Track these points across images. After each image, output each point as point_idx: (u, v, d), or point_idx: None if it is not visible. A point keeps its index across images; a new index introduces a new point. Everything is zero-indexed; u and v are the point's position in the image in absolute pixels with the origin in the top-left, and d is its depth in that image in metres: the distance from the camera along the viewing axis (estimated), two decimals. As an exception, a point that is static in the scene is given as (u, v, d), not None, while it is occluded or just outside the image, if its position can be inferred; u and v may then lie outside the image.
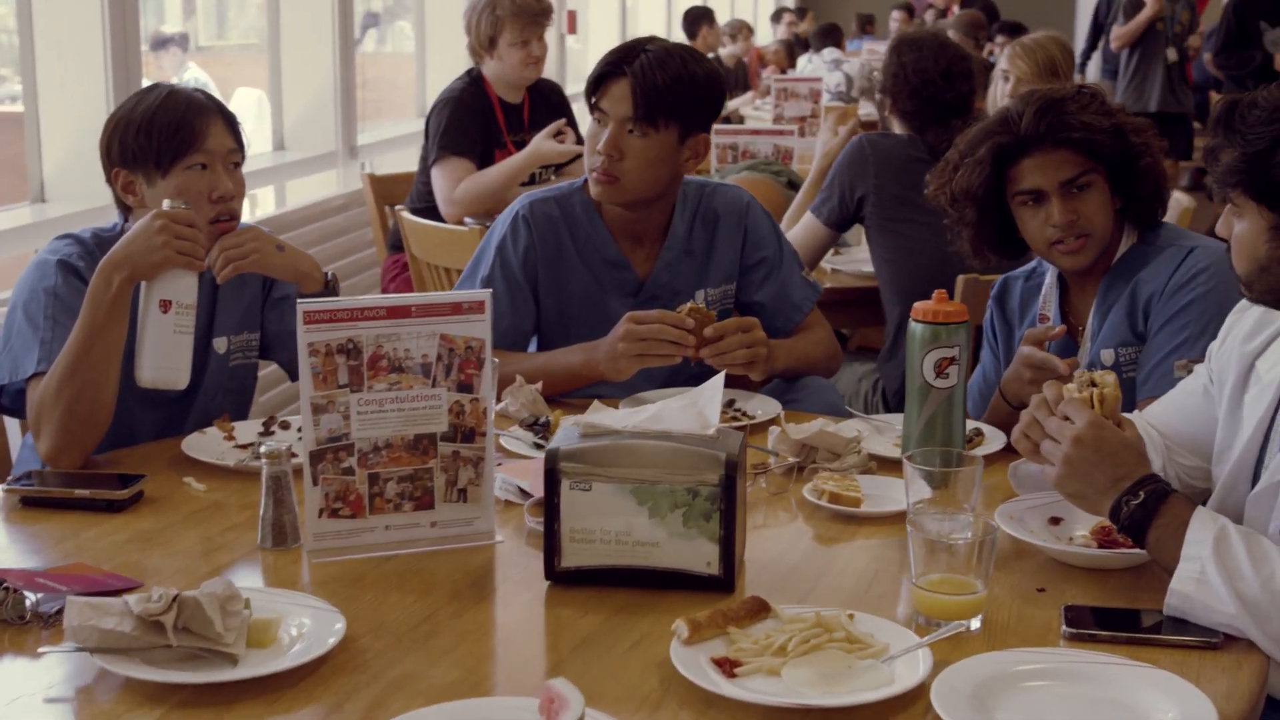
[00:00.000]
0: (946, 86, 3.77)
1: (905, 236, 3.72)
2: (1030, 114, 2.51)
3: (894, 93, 3.82)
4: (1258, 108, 1.85)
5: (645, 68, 2.70)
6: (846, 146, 3.84)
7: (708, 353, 2.63)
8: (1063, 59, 4.33)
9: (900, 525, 2.12)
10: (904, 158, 3.76)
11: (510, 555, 2.04)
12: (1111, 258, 2.58)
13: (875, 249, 3.78)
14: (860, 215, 3.78)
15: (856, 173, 3.76)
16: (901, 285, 3.72)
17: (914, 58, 3.80)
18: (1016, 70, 4.35)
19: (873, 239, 3.78)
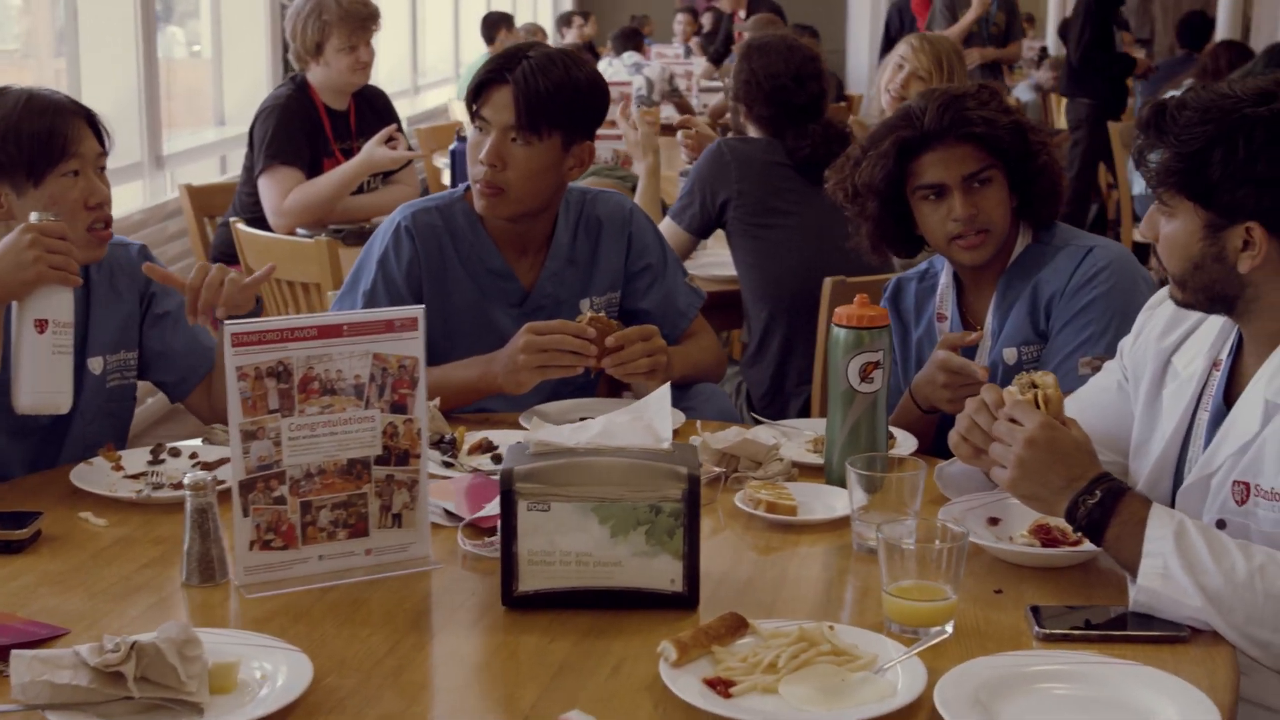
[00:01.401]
0: (799, 89, 3.79)
1: (770, 241, 3.73)
2: (933, 109, 2.54)
3: (748, 99, 3.83)
4: (1188, 109, 1.88)
5: (527, 74, 2.64)
6: (705, 152, 3.83)
7: (609, 362, 2.58)
8: (957, 62, 4.42)
9: (838, 531, 2.12)
10: (765, 162, 3.77)
11: (451, 581, 1.96)
12: (1008, 256, 2.62)
13: (738, 253, 3.78)
14: (723, 220, 3.77)
15: (718, 178, 3.75)
16: (766, 289, 3.73)
17: (764, 62, 3.81)
18: (915, 62, 4.40)
19: (735, 244, 3.78)
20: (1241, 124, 1.85)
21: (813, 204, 3.76)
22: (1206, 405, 2.07)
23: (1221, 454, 1.98)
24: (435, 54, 11.09)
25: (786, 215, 3.75)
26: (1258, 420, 1.94)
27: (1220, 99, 1.87)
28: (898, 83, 4.46)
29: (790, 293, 3.70)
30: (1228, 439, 1.98)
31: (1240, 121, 1.85)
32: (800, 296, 3.65)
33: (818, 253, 3.70)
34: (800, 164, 3.76)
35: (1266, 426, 1.93)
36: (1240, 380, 2.04)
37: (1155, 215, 1.98)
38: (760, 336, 3.76)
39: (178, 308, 2.53)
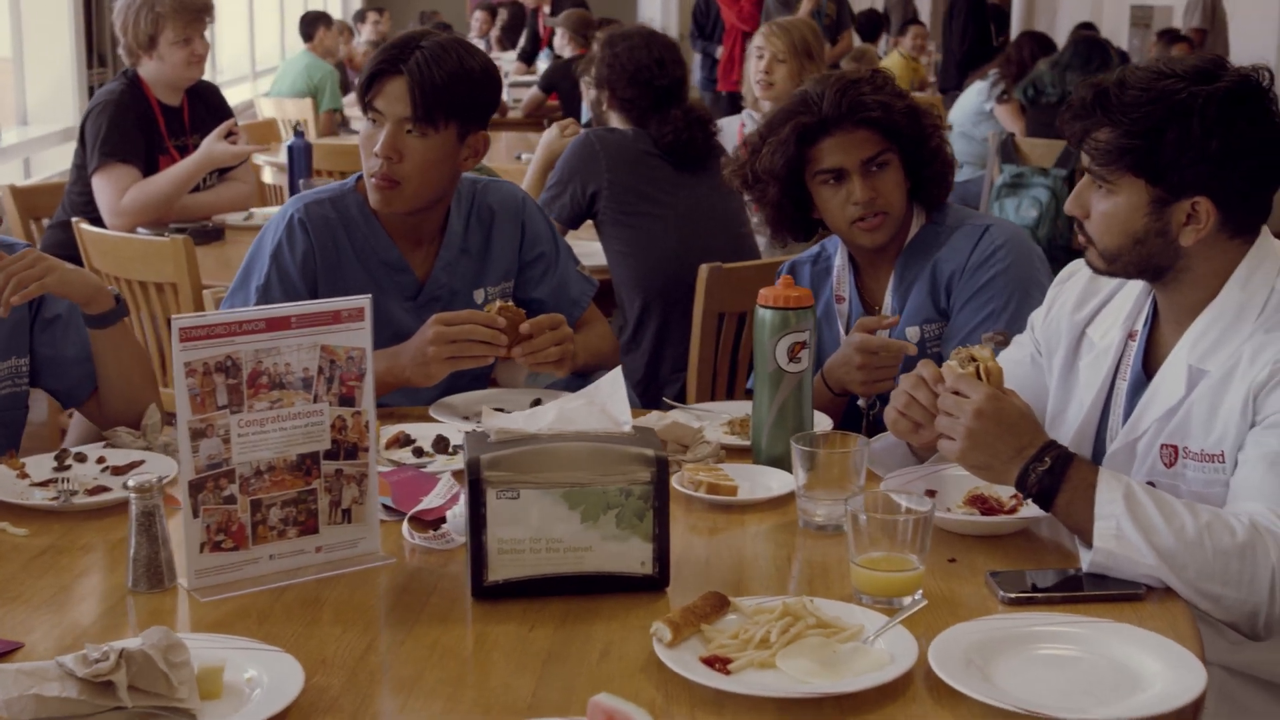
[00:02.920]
0: (661, 72, 3.82)
1: (643, 230, 3.74)
2: (830, 95, 2.58)
3: (611, 83, 3.84)
4: (1131, 88, 1.95)
5: (421, 65, 2.59)
6: (572, 143, 3.83)
7: (520, 351, 2.56)
8: (814, 41, 4.48)
9: (781, 509, 2.14)
10: (635, 151, 3.78)
11: (407, 576, 1.92)
12: (904, 237, 2.68)
13: (610, 243, 3.79)
14: (593, 211, 3.77)
15: (588, 169, 3.75)
16: (639, 278, 3.74)
17: (626, 46, 3.83)
18: (772, 48, 4.48)
19: (607, 233, 3.78)
20: (1193, 102, 1.92)
21: (683, 192, 3.79)
22: (1124, 374, 2.15)
23: (1147, 419, 2.06)
24: (231, 53, 10.82)
25: (658, 204, 3.77)
26: (1182, 385, 2.02)
27: (1162, 78, 1.94)
28: (761, 69, 4.54)
29: (663, 281, 3.72)
30: (1152, 404, 2.06)
31: (1191, 100, 1.92)
32: (673, 284, 3.67)
33: (690, 240, 3.73)
34: (668, 151, 3.78)
35: (1192, 391, 2.01)
36: (1158, 349, 2.12)
37: (1086, 192, 2.04)
38: (634, 325, 3.77)
39: (68, 310, 2.43)
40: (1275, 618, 1.83)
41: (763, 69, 4.65)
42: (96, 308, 2.34)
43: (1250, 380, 1.94)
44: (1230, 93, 1.92)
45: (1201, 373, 2.01)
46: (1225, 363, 1.98)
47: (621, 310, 3.82)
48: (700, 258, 3.45)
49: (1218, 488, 1.97)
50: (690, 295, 3.45)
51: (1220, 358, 1.99)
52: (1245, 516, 1.84)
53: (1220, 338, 2.00)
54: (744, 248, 3.86)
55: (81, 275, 2.33)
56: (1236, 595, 1.81)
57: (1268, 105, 1.95)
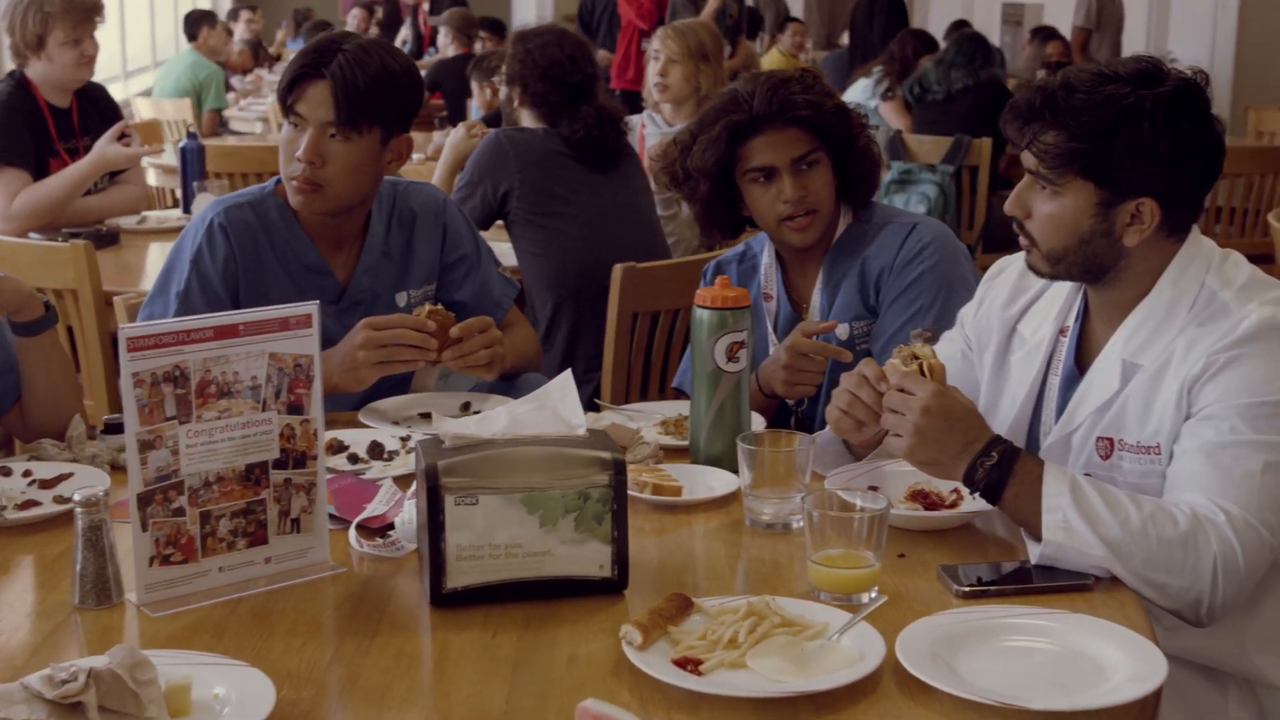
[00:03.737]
0: (574, 68, 3.83)
1: (554, 230, 3.74)
2: (761, 94, 2.60)
3: (524, 79, 3.83)
4: (1077, 91, 1.98)
5: (344, 68, 2.57)
6: (482, 144, 3.81)
7: (450, 355, 2.54)
8: (711, 44, 4.50)
9: (726, 508, 2.16)
10: (545, 151, 3.77)
11: (358, 584, 1.90)
12: (831, 236, 2.71)
13: (522, 243, 3.77)
14: (504, 211, 3.75)
15: (498, 169, 3.73)
16: (551, 278, 3.73)
17: (539, 43, 3.83)
18: (667, 50, 4.50)
19: (518, 233, 3.77)
20: (1141, 106, 1.96)
21: (595, 191, 3.79)
22: (1056, 370, 2.19)
23: (1082, 413, 2.11)
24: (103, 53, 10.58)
25: (569, 203, 3.77)
26: (1117, 379, 2.06)
27: (1107, 82, 1.98)
28: (657, 71, 4.56)
29: (576, 280, 3.72)
30: (1087, 399, 2.10)
31: (1139, 103, 1.96)
32: (586, 284, 3.67)
33: (602, 240, 3.73)
34: (578, 148, 3.78)
35: (1127, 385, 2.05)
36: (1090, 345, 2.16)
37: (1028, 194, 2.07)
38: (546, 326, 3.77)
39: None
40: (1217, 604, 1.88)
41: (658, 71, 4.68)
42: (26, 315, 2.28)
43: (1184, 374, 1.99)
44: (1175, 96, 1.97)
45: (1135, 367, 2.05)
46: (1159, 357, 2.03)
47: (533, 311, 3.81)
48: (612, 257, 3.45)
49: (1154, 479, 2.02)
50: (602, 295, 3.45)
51: (1153, 352, 2.04)
52: (1186, 506, 1.89)
53: (1153, 333, 2.05)
54: (655, 247, 3.87)
55: (14, 282, 2.27)
56: (1180, 584, 1.86)
57: (1206, 107, 2.00)
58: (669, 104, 4.73)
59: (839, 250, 2.70)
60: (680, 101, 4.70)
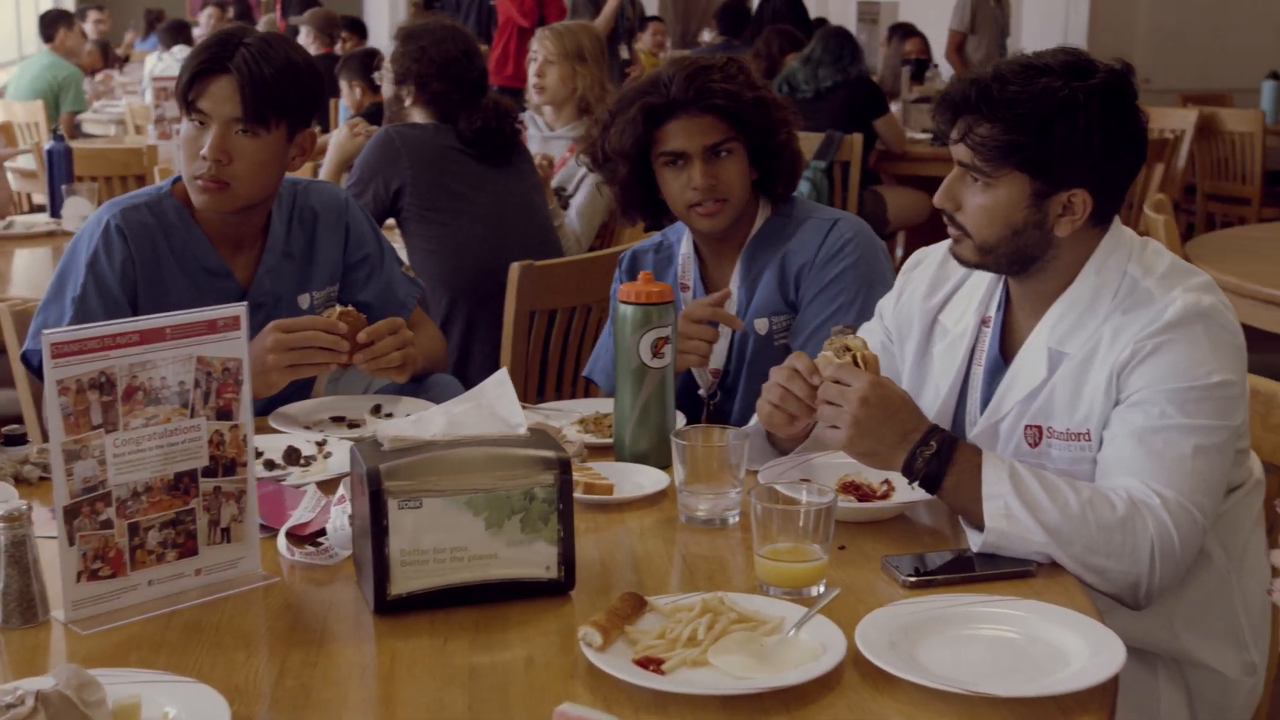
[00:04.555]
0: (470, 65, 3.78)
1: (448, 227, 3.68)
2: (680, 79, 2.59)
3: (420, 78, 3.77)
4: (1010, 83, 1.99)
5: (249, 62, 2.49)
6: (372, 140, 3.74)
7: (361, 358, 2.48)
8: (590, 46, 4.47)
9: (658, 505, 2.14)
10: (438, 147, 3.72)
11: (293, 594, 1.84)
12: (749, 228, 2.70)
13: (415, 240, 3.71)
14: (397, 208, 3.69)
15: (390, 166, 3.67)
16: (446, 276, 3.67)
17: (431, 40, 3.77)
18: (544, 51, 4.46)
19: (412, 230, 3.70)
20: (1075, 98, 1.97)
21: (490, 188, 3.74)
22: (980, 360, 2.21)
23: (1009, 401, 2.12)
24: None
25: (463, 200, 3.71)
26: (1044, 368, 2.08)
27: (1039, 74, 1.99)
28: (534, 73, 4.54)
29: (472, 278, 3.67)
30: (1014, 387, 2.12)
31: (1073, 95, 1.97)
32: (482, 281, 3.63)
33: (496, 237, 3.69)
34: (473, 144, 3.73)
35: (1054, 373, 2.07)
36: (1013, 334, 2.18)
37: (958, 186, 2.07)
38: (441, 325, 3.70)
39: None
40: (1155, 587, 1.91)
41: (535, 72, 4.65)
42: None
43: (1113, 360, 2.01)
44: (1106, 87, 1.99)
45: (1062, 355, 2.07)
46: (1085, 345, 2.05)
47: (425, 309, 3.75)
48: (507, 254, 3.42)
49: (1084, 465, 2.04)
50: (498, 292, 3.41)
51: (1079, 340, 2.06)
52: (1123, 491, 1.91)
53: (1078, 321, 2.07)
54: (549, 243, 3.84)
55: None
56: (1120, 567, 1.88)
57: (1134, 97, 2.03)
58: (549, 106, 4.70)
59: (758, 244, 2.70)
60: (559, 104, 4.67)
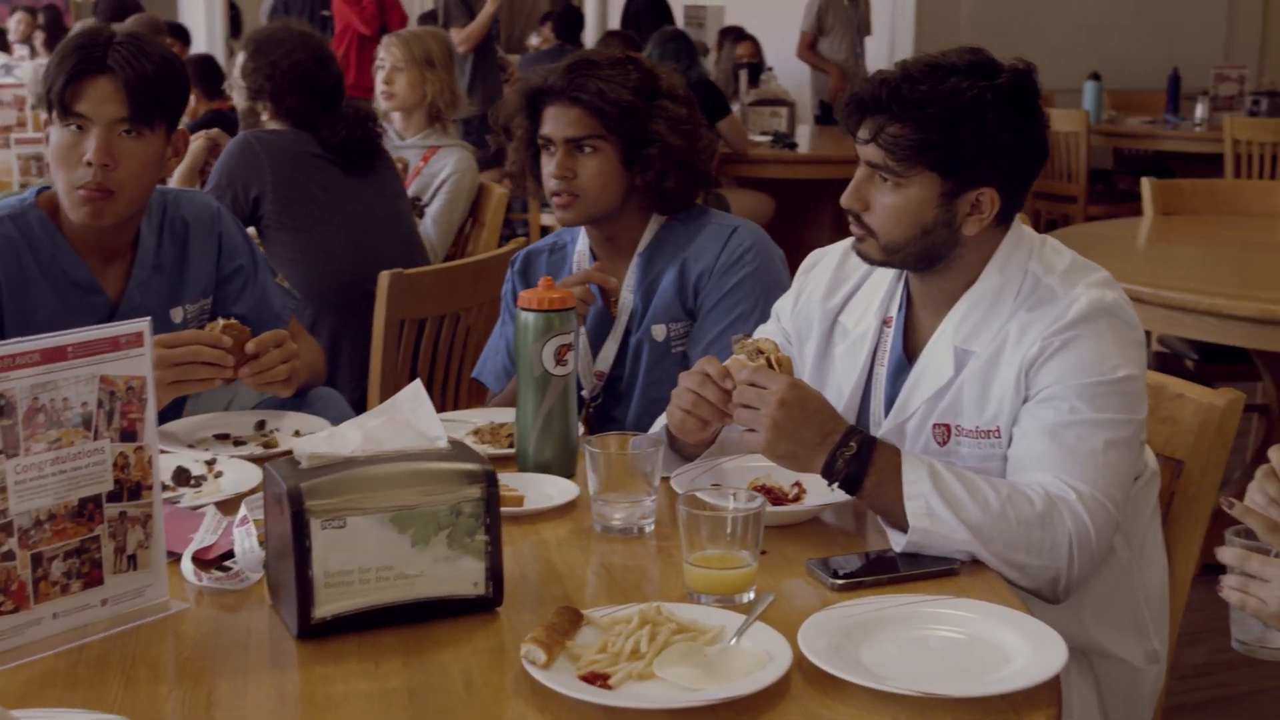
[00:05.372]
0: (325, 73, 3.69)
1: (312, 235, 3.59)
2: (562, 68, 2.60)
3: (276, 94, 3.66)
4: (920, 83, 2.00)
5: (129, 60, 2.40)
6: (230, 146, 3.62)
7: (247, 372, 2.40)
8: (439, 51, 4.40)
9: (570, 515, 2.10)
10: (298, 153, 3.62)
11: (207, 621, 1.76)
12: (640, 232, 2.68)
13: (277, 249, 3.60)
14: (257, 217, 3.58)
15: (250, 173, 3.56)
16: (310, 285, 3.58)
17: (283, 52, 3.66)
18: (391, 58, 4.38)
19: (273, 239, 3.60)
20: (984, 97, 1.98)
21: (354, 195, 3.66)
22: (883, 360, 2.22)
23: (915, 400, 2.13)
24: None
25: (326, 208, 3.63)
26: (950, 366, 2.10)
27: (947, 74, 2.00)
28: (382, 80, 4.46)
29: (337, 287, 3.58)
30: (920, 387, 2.13)
31: (982, 95, 1.98)
32: (348, 290, 3.55)
33: (363, 245, 3.61)
34: (336, 150, 3.64)
35: (961, 371, 2.09)
36: (916, 334, 2.19)
37: (867, 186, 2.07)
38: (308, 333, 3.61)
39: None
40: (1073, 581, 1.93)
41: (383, 80, 4.57)
42: None
43: (1021, 357, 2.03)
44: (1012, 87, 2.01)
45: (968, 354, 2.09)
46: (991, 343, 2.07)
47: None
48: (373, 263, 3.35)
49: (994, 462, 2.06)
50: (365, 301, 3.34)
51: (985, 339, 2.08)
52: (1039, 487, 1.93)
53: (982, 319, 2.09)
54: (415, 251, 3.77)
55: None
56: (1040, 563, 1.90)
57: (1038, 96, 2.06)
58: (398, 113, 4.62)
59: (654, 249, 2.68)
60: (409, 111, 4.59)
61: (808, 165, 6.92)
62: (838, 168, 7.14)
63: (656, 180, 2.65)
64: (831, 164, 7.12)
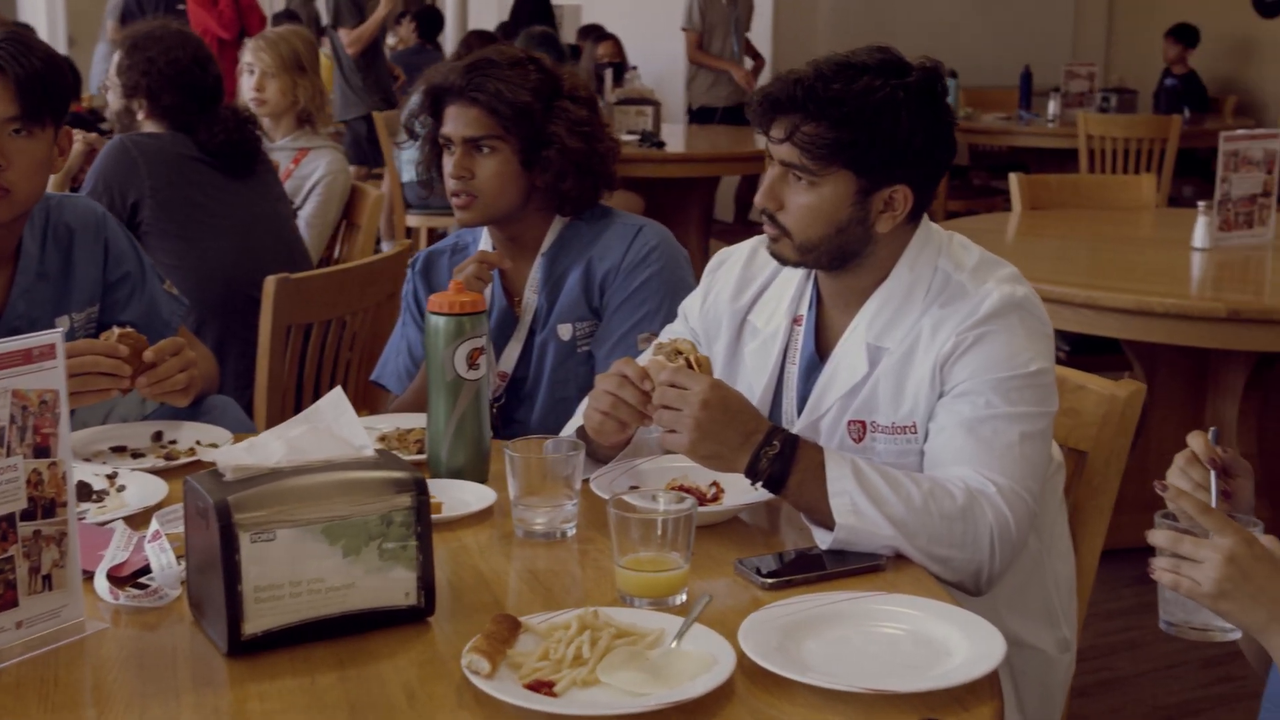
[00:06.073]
0: (204, 72, 3.60)
1: (194, 241, 3.49)
2: (462, 66, 2.58)
3: (152, 91, 3.56)
4: (833, 82, 2.01)
5: (17, 57, 2.33)
6: (105, 151, 3.51)
7: (144, 381, 2.33)
8: (306, 53, 4.31)
9: (489, 521, 2.09)
10: (177, 156, 3.52)
11: (128, 641, 1.71)
12: (543, 232, 2.66)
13: (157, 255, 3.49)
14: (136, 222, 3.47)
15: (126, 178, 3.45)
16: (194, 293, 3.46)
17: (160, 50, 3.56)
18: (263, 64, 4.28)
19: (153, 245, 3.49)
20: (896, 95, 2.00)
21: (235, 199, 3.58)
22: (794, 358, 2.23)
23: (829, 398, 2.15)
24: None
25: (209, 212, 3.54)
26: (864, 363, 2.11)
27: (858, 73, 2.01)
28: (252, 86, 4.36)
29: (221, 293, 3.50)
30: (833, 384, 2.14)
31: (894, 93, 2.00)
32: (232, 297, 3.47)
33: (245, 250, 3.53)
34: (215, 154, 3.56)
35: (876, 368, 2.11)
36: (827, 332, 2.21)
37: (780, 186, 2.08)
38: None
39: None
40: (995, 573, 1.96)
41: (254, 86, 4.47)
42: None
43: (935, 353, 2.05)
44: (922, 85, 2.03)
45: (882, 350, 2.11)
46: (904, 340, 2.09)
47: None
48: (256, 268, 3.28)
49: (910, 458, 2.08)
50: (250, 308, 3.27)
51: (898, 335, 2.10)
52: (959, 481, 1.96)
53: (895, 316, 2.11)
54: (298, 255, 3.70)
55: None
56: (963, 556, 1.93)
57: (946, 93, 2.08)
58: (267, 118, 4.53)
59: (558, 249, 2.67)
60: (278, 115, 4.50)
61: (676, 164, 6.94)
62: (705, 165, 7.19)
63: (555, 182, 2.63)
64: (699, 162, 7.16)
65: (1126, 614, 3.85)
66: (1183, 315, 3.58)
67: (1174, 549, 1.54)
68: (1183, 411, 4.19)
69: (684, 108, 9.48)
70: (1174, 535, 1.54)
